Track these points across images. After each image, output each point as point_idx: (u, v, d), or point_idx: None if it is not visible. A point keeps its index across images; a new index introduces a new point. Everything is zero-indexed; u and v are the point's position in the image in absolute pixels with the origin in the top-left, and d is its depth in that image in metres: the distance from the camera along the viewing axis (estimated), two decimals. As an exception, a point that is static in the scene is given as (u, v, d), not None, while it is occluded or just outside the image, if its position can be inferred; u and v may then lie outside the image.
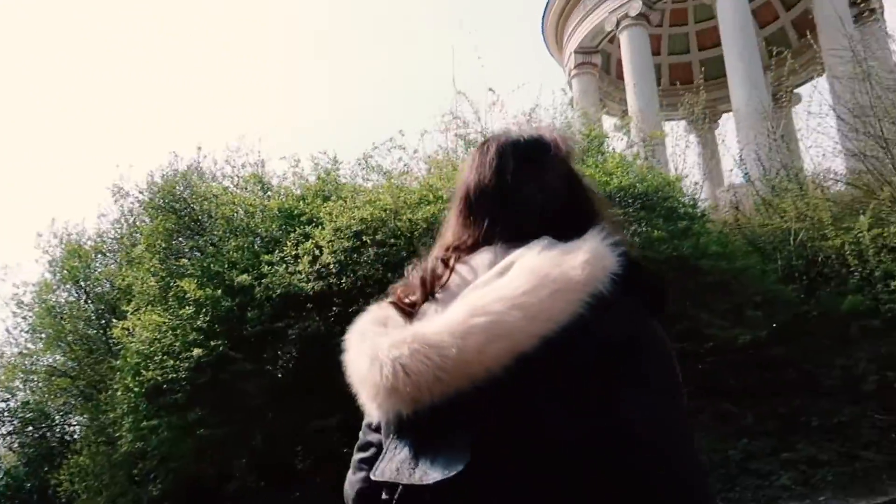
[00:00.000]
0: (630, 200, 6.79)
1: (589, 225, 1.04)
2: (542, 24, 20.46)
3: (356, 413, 1.09)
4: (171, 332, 6.41)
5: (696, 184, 8.96)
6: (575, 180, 1.15)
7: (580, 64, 19.30)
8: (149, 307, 6.76)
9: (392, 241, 6.33)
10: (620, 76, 19.46)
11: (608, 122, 14.25)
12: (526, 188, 1.10)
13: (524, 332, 0.89)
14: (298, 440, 6.89)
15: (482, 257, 1.06)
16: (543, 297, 0.90)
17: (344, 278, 6.13)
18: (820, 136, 8.56)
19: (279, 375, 6.83)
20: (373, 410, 0.99)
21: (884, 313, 6.42)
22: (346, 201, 6.65)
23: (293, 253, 6.41)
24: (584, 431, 0.89)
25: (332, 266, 6.19)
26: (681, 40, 21.79)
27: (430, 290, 1.07)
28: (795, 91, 16.40)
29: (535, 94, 26.01)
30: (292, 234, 6.59)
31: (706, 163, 12.24)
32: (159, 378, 6.17)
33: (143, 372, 6.23)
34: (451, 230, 1.17)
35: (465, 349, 0.88)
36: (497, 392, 0.88)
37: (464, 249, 1.10)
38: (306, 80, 61.73)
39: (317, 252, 6.30)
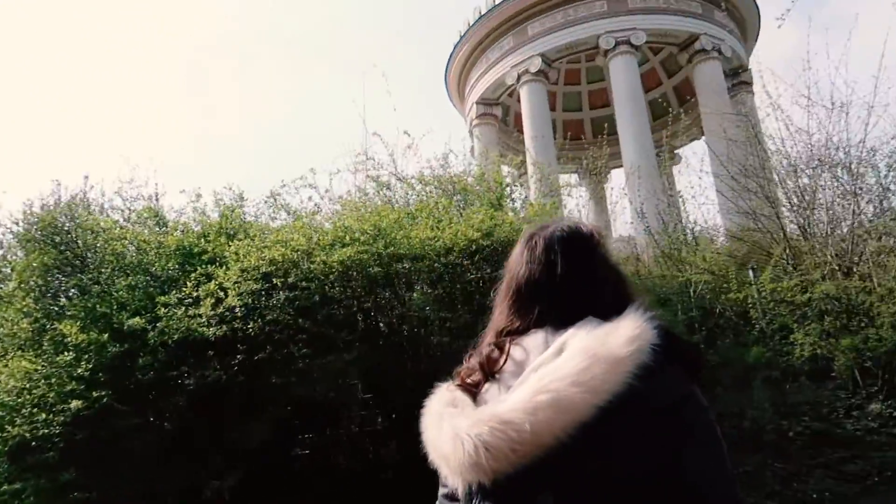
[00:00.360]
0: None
1: (624, 303, 1.20)
2: (446, 74, 20.91)
3: (257, 473, 0.97)
4: (44, 381, 5.66)
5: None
6: (611, 267, 1.31)
7: (482, 114, 19.82)
8: (18, 352, 5.96)
9: (304, 283, 5.97)
10: (519, 128, 20.14)
11: (507, 172, 14.57)
12: (573, 280, 1.25)
13: (585, 403, 1.02)
14: (188, 502, 6.24)
15: (533, 339, 1.21)
16: (597, 372, 1.04)
17: (251, 323, 5.69)
18: (713, 193, 9.06)
19: (169, 428, 6.20)
20: (456, 482, 1.12)
21: (780, 364, 6.74)
22: (254, 240, 6.23)
23: (193, 294, 5.88)
24: (645, 483, 1.03)
25: (237, 310, 5.73)
26: (574, 98, 22.96)
27: (491, 372, 1.22)
28: (676, 152, 17.65)
29: (444, 140, 26.44)
30: (192, 274, 6.05)
31: (605, 215, 12.69)
32: (27, 434, 5.43)
33: (8, 427, 5.47)
34: (502, 315, 1.32)
35: (537, 423, 1.02)
36: (564, 456, 1.02)
37: (515, 333, 1.26)
38: (210, 114, 59.61)
39: (220, 294, 5.82)
